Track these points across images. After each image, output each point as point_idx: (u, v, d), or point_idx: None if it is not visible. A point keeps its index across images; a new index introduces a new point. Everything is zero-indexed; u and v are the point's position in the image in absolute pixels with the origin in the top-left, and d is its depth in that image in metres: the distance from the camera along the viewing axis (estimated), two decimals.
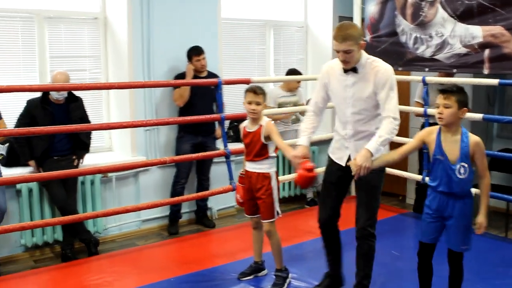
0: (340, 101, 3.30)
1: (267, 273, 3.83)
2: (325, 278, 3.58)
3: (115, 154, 5.14)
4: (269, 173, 3.57)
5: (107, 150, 5.20)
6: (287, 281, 3.66)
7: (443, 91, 3.01)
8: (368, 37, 5.39)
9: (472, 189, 3.11)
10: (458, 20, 4.59)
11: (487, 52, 4.44)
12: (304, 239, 4.51)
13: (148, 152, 5.08)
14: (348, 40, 3.05)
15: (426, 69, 4.94)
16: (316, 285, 3.59)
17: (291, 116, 5.81)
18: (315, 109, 3.43)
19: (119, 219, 4.93)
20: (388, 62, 4.85)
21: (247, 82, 4.63)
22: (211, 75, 5.08)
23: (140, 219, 5.07)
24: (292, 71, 5.79)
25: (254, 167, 3.58)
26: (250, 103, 3.50)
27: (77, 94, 4.50)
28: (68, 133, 4.35)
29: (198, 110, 4.78)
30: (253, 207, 3.66)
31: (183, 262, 4.17)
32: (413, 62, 5.02)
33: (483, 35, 4.43)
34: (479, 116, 4.42)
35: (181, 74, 5.00)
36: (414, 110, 5.15)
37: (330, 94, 3.38)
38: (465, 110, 2.97)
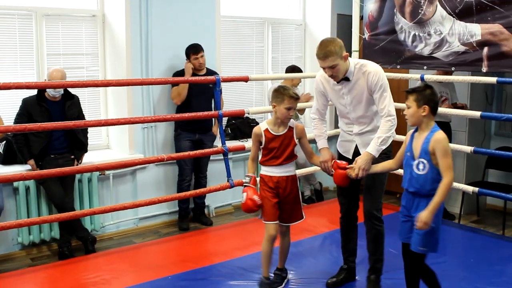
0: (341, 107, 3.49)
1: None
2: (340, 272, 3.70)
3: (113, 151, 5.13)
4: (296, 175, 3.57)
5: (104, 148, 5.19)
6: (285, 280, 3.65)
7: (406, 92, 3.03)
8: (366, 35, 5.38)
9: None
10: (457, 18, 4.58)
11: (485, 50, 4.43)
12: (302, 237, 4.49)
13: (146, 150, 5.07)
14: (330, 56, 3.19)
15: (425, 67, 4.93)
16: (331, 277, 3.67)
17: None
18: (319, 116, 3.60)
19: (116, 217, 4.92)
20: (386, 60, 4.84)
21: (245, 79, 4.62)
22: (210, 72, 5.06)
23: (137, 216, 5.07)
24: (292, 68, 5.80)
25: (283, 171, 3.45)
26: (289, 109, 3.33)
27: (74, 91, 4.48)
28: (65, 131, 4.34)
29: (195, 108, 4.76)
30: (276, 212, 3.46)
31: (181, 260, 4.16)
32: (412, 60, 5.01)
33: (482, 33, 4.42)
34: (477, 114, 4.42)
35: (180, 72, 4.99)
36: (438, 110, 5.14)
37: (330, 100, 3.55)
38: (426, 108, 2.92)
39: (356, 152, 3.47)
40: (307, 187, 5.95)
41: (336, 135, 3.91)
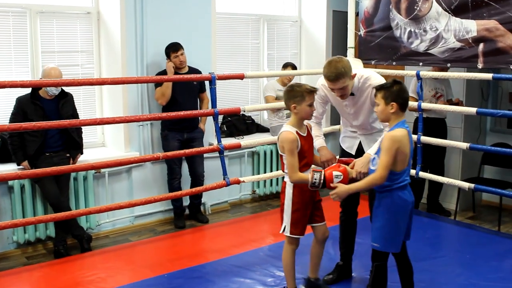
0: (344, 115, 3.57)
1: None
2: (337, 268, 3.73)
3: (108, 149, 5.11)
4: None
5: (100, 146, 5.17)
6: None
7: (374, 89, 3.03)
8: (362, 32, 5.37)
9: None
10: (453, 14, 4.57)
11: (481, 47, 4.43)
12: None
13: (141, 148, 5.05)
14: (341, 79, 3.16)
15: (420, 63, 4.93)
16: (327, 274, 3.68)
17: (286, 110, 5.80)
18: (317, 121, 3.61)
19: (112, 215, 4.90)
20: (382, 57, 4.82)
21: (241, 77, 4.60)
22: (193, 70, 5.03)
23: (133, 214, 5.05)
24: (287, 64, 5.82)
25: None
26: (311, 105, 3.15)
27: (69, 89, 4.46)
28: (60, 129, 4.32)
29: (182, 107, 4.67)
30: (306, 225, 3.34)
31: (177, 257, 4.16)
32: (407, 57, 5.01)
33: (478, 29, 4.42)
34: (472, 110, 4.41)
35: (162, 73, 4.93)
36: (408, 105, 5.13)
37: (332, 105, 3.62)
38: (394, 105, 2.89)
39: (360, 148, 3.51)
40: None
41: (332, 132, 3.91)
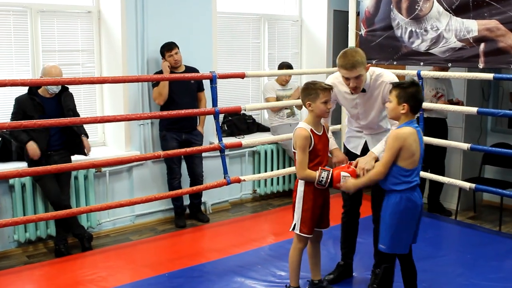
0: (352, 114, 3.53)
1: None
2: (337, 268, 3.72)
3: (109, 148, 5.11)
4: None
5: (100, 145, 5.17)
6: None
7: (391, 85, 3.01)
8: (363, 31, 5.37)
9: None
10: (454, 14, 4.57)
11: (482, 46, 4.43)
12: None
13: (142, 147, 5.05)
14: (357, 67, 3.15)
15: (421, 63, 4.93)
16: (328, 274, 3.68)
17: (286, 110, 5.80)
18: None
19: (113, 214, 4.90)
20: (383, 56, 4.82)
21: (242, 76, 4.59)
22: (189, 69, 5.02)
23: (134, 213, 5.05)
24: (283, 65, 5.83)
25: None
26: (327, 103, 3.10)
27: (71, 88, 4.45)
28: (60, 128, 4.31)
29: (180, 106, 4.65)
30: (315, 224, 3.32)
31: (177, 257, 4.16)
32: (408, 56, 5.01)
33: (479, 29, 4.42)
34: (473, 110, 4.41)
35: (158, 73, 4.92)
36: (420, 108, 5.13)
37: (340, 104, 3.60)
38: (405, 106, 2.86)
39: (365, 148, 3.48)
40: None
41: (333, 132, 3.89)
